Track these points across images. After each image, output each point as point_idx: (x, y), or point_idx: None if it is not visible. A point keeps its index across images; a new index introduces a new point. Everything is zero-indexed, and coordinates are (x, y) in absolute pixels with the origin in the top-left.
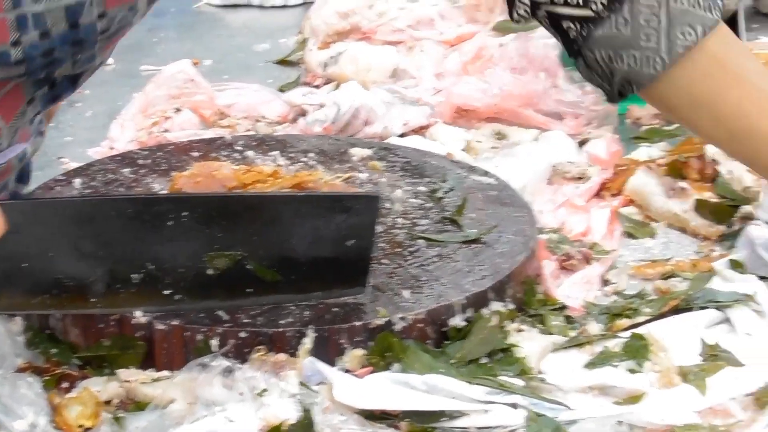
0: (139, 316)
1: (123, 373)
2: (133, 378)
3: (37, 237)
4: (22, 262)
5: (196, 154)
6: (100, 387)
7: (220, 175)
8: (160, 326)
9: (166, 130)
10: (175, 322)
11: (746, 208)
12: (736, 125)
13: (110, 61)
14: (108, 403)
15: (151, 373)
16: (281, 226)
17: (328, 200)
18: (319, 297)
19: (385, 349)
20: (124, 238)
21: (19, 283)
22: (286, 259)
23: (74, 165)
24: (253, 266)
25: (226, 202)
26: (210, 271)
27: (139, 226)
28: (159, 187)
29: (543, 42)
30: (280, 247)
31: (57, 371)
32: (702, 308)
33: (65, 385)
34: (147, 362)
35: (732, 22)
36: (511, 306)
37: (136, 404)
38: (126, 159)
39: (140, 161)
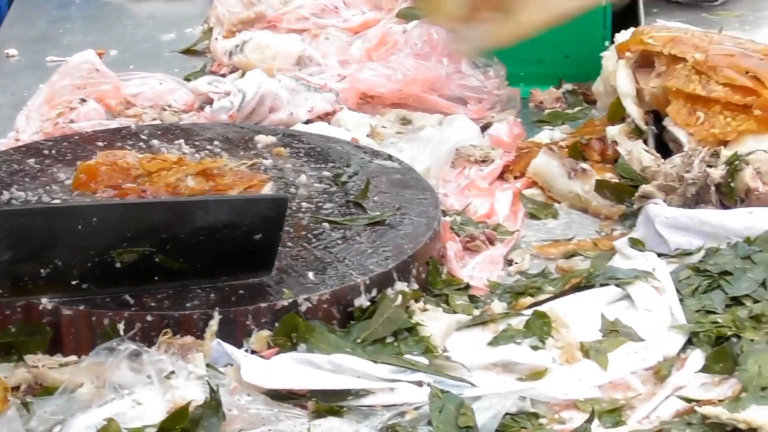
0: (46, 302)
1: (30, 358)
2: (41, 363)
3: None
4: None
5: (101, 143)
6: (7, 373)
7: (124, 164)
8: (66, 312)
9: (71, 121)
10: (81, 308)
11: (645, 188)
12: None
13: (15, 52)
14: (16, 388)
15: (58, 358)
16: (192, 225)
17: (239, 203)
18: (224, 280)
19: (290, 330)
20: (35, 240)
21: None
22: (194, 252)
23: None
24: (160, 259)
25: (136, 208)
26: (118, 265)
27: (50, 230)
28: (64, 176)
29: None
30: (188, 243)
31: None
32: (603, 285)
33: None
34: (54, 347)
35: (631, 6)
36: (416, 286)
37: (44, 389)
38: (31, 149)
39: (45, 151)
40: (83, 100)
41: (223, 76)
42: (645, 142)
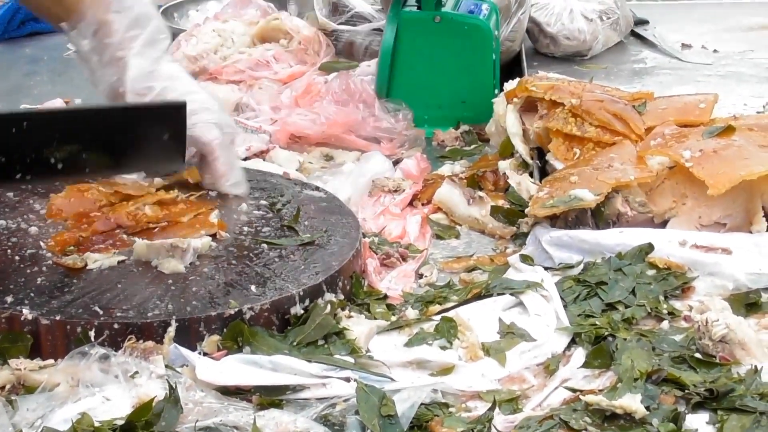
0: (27, 313)
1: (14, 362)
2: (23, 366)
3: None
4: None
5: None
6: None
7: (90, 196)
8: (44, 321)
9: None
10: (57, 318)
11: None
12: None
13: None
14: (2, 388)
15: (38, 362)
16: (113, 129)
17: (145, 109)
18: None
19: (237, 335)
20: None
21: None
22: (116, 149)
23: None
24: (87, 155)
25: (65, 116)
26: (52, 160)
27: None
28: (39, 207)
29: (361, 78)
30: (110, 142)
31: None
32: (499, 294)
33: None
34: (34, 352)
35: (516, 60)
36: (342, 296)
37: (26, 388)
38: (9, 184)
39: (22, 186)
40: None
41: None
42: (531, 174)
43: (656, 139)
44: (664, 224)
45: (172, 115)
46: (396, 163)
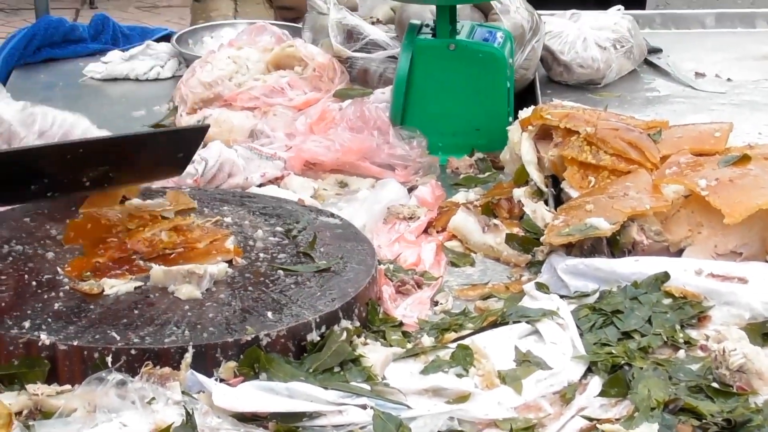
0: (44, 338)
1: (31, 387)
2: (40, 392)
3: None
4: None
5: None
6: (11, 400)
7: (106, 221)
8: (62, 347)
9: None
10: (75, 343)
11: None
12: None
13: None
14: (19, 414)
15: (55, 387)
16: (141, 152)
17: (174, 133)
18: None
19: (253, 361)
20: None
21: None
22: (140, 168)
23: None
24: (114, 174)
25: (93, 146)
26: (85, 179)
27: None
28: (56, 232)
29: (375, 106)
30: (138, 162)
31: None
32: (515, 322)
33: None
34: (51, 378)
35: (530, 88)
36: (358, 323)
37: (43, 414)
38: (26, 210)
39: (39, 211)
40: None
41: None
42: (546, 202)
43: (672, 167)
44: (679, 253)
45: (194, 137)
46: (411, 190)
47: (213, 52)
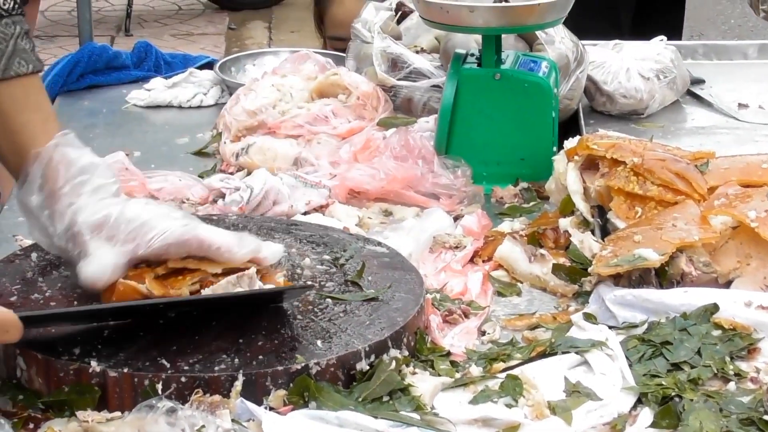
0: (95, 365)
1: (81, 414)
2: (90, 418)
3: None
4: None
5: None
6: (62, 427)
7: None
8: (112, 374)
9: None
10: (125, 370)
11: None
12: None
13: None
14: None
15: (105, 414)
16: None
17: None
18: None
19: (303, 390)
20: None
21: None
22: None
23: (28, 242)
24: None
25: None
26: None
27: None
28: None
29: (420, 134)
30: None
31: (24, 414)
32: (564, 353)
33: (31, 426)
34: (101, 404)
35: (573, 118)
36: (406, 353)
37: None
38: None
39: None
40: None
41: (231, 174)
42: (592, 232)
43: (720, 198)
44: (728, 284)
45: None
46: (456, 219)
47: (257, 80)
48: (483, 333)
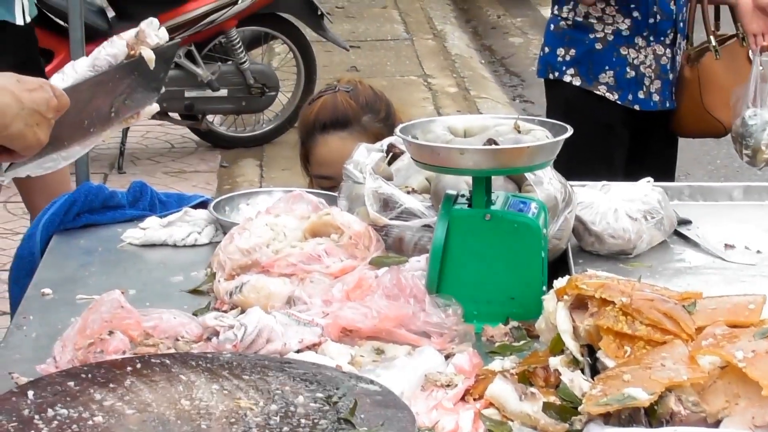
0: None
1: None
2: None
3: None
4: None
5: (129, 368)
6: None
7: None
8: None
9: (101, 351)
10: None
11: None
12: None
13: (50, 291)
14: None
15: None
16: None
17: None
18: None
19: None
20: None
21: None
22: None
23: (24, 379)
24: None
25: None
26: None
27: None
28: (99, 396)
29: (411, 274)
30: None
31: None
32: None
33: None
34: None
35: (562, 258)
36: None
37: None
38: (70, 374)
39: (82, 375)
40: (111, 332)
41: (225, 312)
42: (582, 371)
43: (707, 339)
44: (717, 424)
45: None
46: (447, 357)
47: (250, 219)
48: None
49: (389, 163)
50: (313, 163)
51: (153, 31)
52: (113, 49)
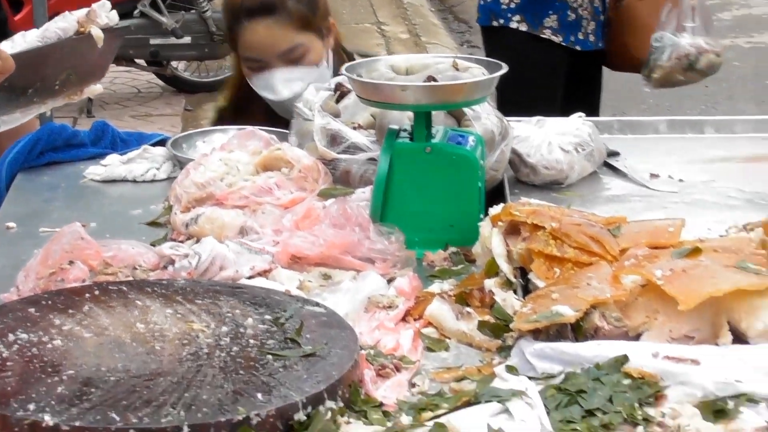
0: (48, 420)
1: None
2: None
3: None
4: None
5: (87, 295)
6: None
7: None
8: (64, 428)
9: (62, 279)
10: (77, 424)
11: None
12: None
13: (14, 224)
14: None
15: None
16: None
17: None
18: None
19: None
20: None
21: None
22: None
23: None
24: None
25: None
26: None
27: None
28: (59, 321)
29: (357, 204)
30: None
31: None
32: (487, 402)
33: None
34: None
35: (499, 188)
36: (341, 404)
37: None
38: (31, 301)
39: (42, 302)
40: (71, 262)
41: (182, 242)
42: (515, 291)
43: (630, 259)
44: (638, 337)
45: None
46: (390, 281)
47: (206, 155)
48: (413, 385)
49: (337, 101)
50: (241, 47)
51: (104, 12)
52: (64, 23)
